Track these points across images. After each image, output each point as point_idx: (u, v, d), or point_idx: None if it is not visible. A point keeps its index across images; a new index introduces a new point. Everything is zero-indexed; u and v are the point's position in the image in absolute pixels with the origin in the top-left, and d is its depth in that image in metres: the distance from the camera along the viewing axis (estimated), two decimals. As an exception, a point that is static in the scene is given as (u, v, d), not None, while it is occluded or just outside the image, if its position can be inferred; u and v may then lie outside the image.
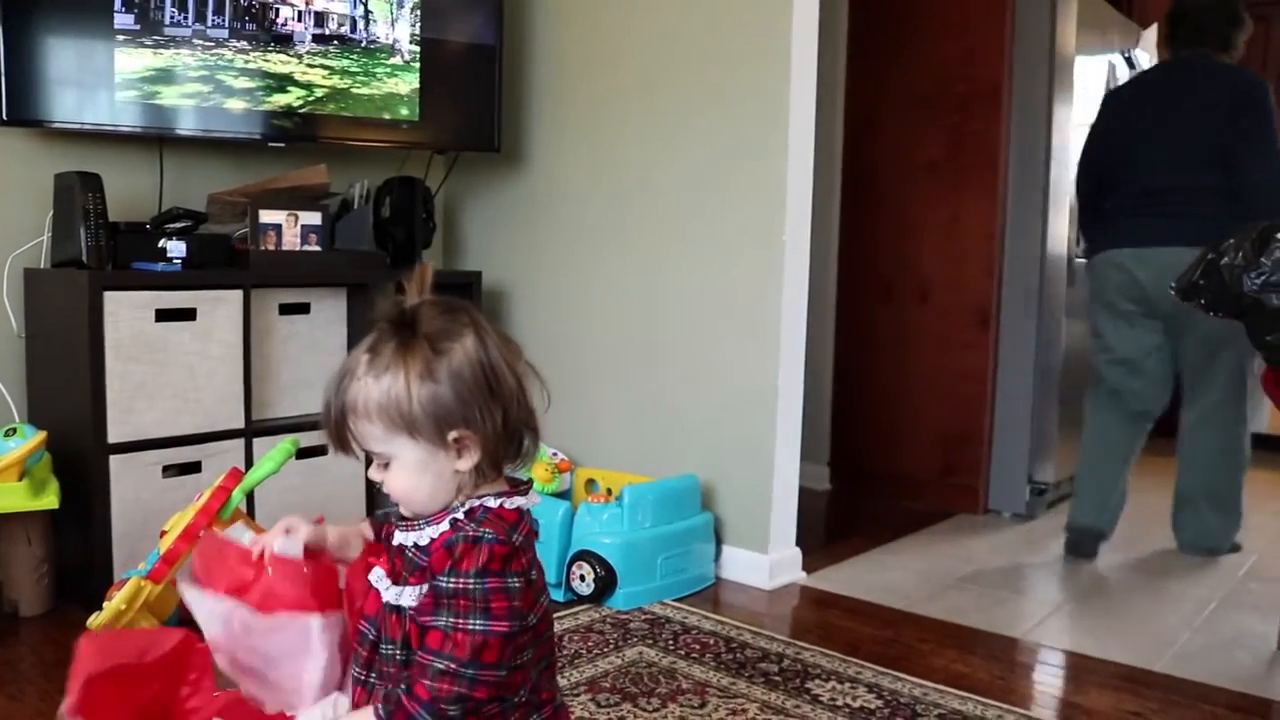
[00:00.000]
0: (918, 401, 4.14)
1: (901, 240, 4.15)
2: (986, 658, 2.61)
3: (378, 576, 1.24)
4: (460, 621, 1.12)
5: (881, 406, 4.24)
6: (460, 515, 1.17)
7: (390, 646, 1.19)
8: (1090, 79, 4.12)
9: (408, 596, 1.18)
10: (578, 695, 2.28)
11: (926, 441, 4.13)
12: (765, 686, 2.38)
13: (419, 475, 1.17)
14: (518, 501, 1.20)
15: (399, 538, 1.23)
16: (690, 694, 2.33)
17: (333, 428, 1.20)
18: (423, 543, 1.19)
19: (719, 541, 3.17)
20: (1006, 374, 3.97)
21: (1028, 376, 3.94)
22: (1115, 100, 3.53)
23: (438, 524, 1.18)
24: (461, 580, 1.13)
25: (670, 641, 2.64)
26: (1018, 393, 3.96)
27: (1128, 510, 3.57)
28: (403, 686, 1.14)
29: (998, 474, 4.01)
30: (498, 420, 1.16)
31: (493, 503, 1.18)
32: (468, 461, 1.17)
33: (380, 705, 1.15)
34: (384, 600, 1.21)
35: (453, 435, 1.15)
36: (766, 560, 3.10)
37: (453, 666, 1.11)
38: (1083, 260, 4.00)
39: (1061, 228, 3.92)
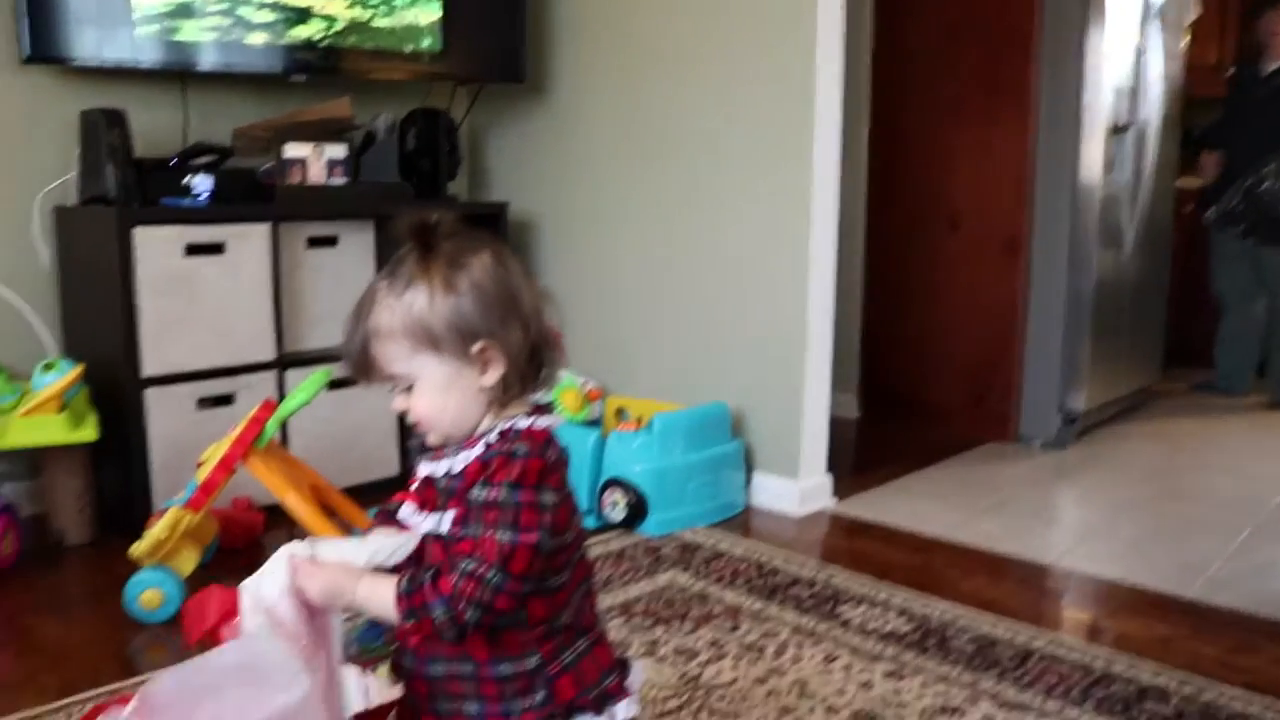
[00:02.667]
0: (948, 330, 4.11)
1: (931, 168, 4.10)
2: (1017, 583, 2.62)
3: (408, 511, 1.24)
4: (489, 531, 1.12)
5: (911, 335, 4.23)
6: (493, 437, 1.17)
7: (426, 573, 1.18)
8: (1123, 3, 4.02)
9: (447, 522, 1.18)
10: (611, 619, 2.31)
11: (957, 370, 4.11)
12: (797, 611, 2.40)
13: (444, 394, 1.17)
14: (546, 421, 1.20)
15: (426, 469, 1.22)
16: (722, 618, 2.35)
17: (355, 355, 1.19)
18: (456, 469, 1.18)
19: (749, 468, 3.18)
20: (1037, 302, 3.94)
21: (1059, 304, 3.90)
22: None
23: (470, 448, 1.18)
24: (494, 491, 1.12)
25: (702, 567, 2.67)
26: (1049, 321, 3.93)
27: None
28: (428, 574, 1.13)
29: (1028, 402, 3.99)
30: (520, 332, 1.16)
31: (523, 423, 1.18)
32: (492, 376, 1.16)
33: (404, 581, 1.14)
34: (422, 531, 1.21)
35: (476, 347, 1.14)
36: (797, 487, 3.12)
37: (480, 571, 1.11)
38: (1115, 187, 3.95)
39: (1094, 154, 3.86)
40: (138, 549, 2.32)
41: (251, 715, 1.07)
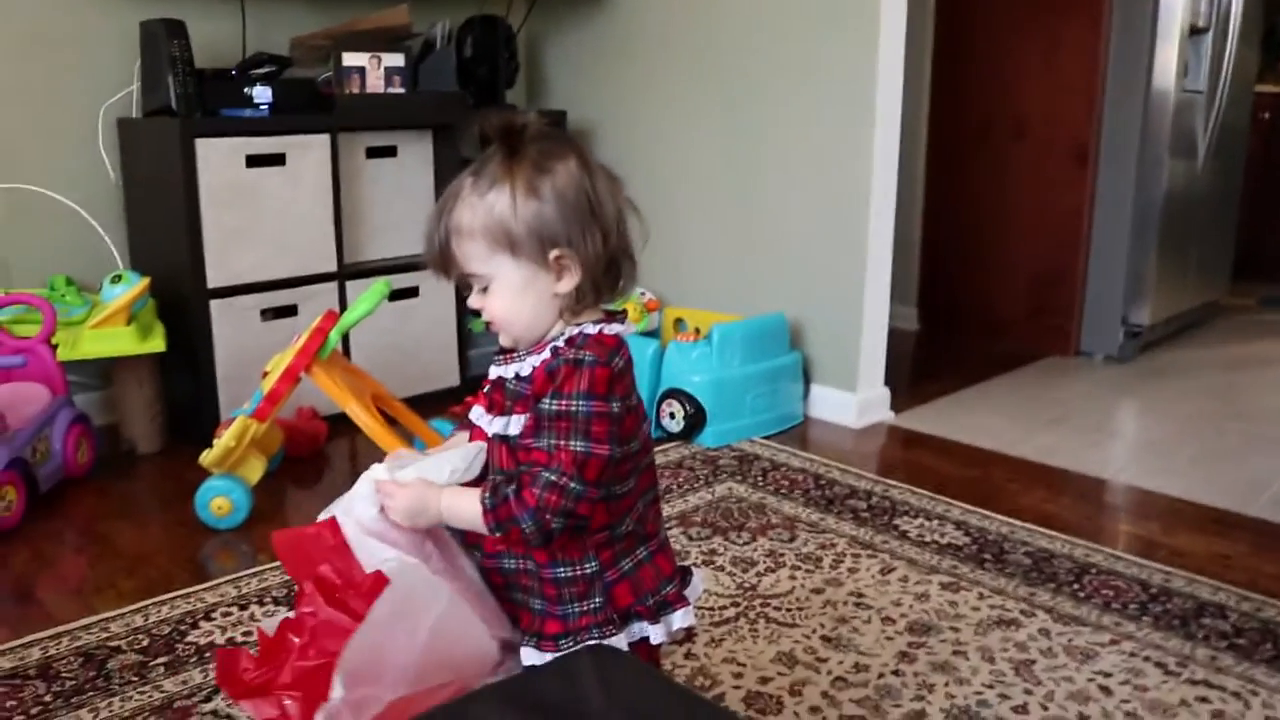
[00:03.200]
0: (1010, 241, 4.04)
1: (998, 74, 3.99)
2: (1075, 498, 2.61)
3: (478, 414, 1.26)
4: (563, 442, 1.13)
5: (972, 246, 4.16)
6: (561, 343, 1.18)
7: (499, 476, 1.21)
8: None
9: (515, 425, 1.19)
10: (670, 528, 2.34)
11: (1018, 282, 4.05)
12: (854, 522, 2.41)
13: (520, 297, 1.17)
14: (616, 328, 1.21)
15: (496, 371, 1.24)
16: (780, 528, 2.37)
17: (437, 252, 1.19)
18: (524, 372, 1.19)
19: (807, 380, 3.17)
20: (1104, 213, 3.85)
21: (1126, 216, 3.82)
22: None
23: (539, 353, 1.19)
24: (565, 402, 1.14)
25: (759, 478, 2.68)
26: (1115, 232, 3.84)
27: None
28: (511, 488, 1.15)
29: (1091, 315, 3.93)
30: (598, 243, 1.15)
31: (592, 329, 1.18)
32: (568, 283, 1.16)
33: (487, 495, 1.16)
34: (490, 432, 1.23)
35: (554, 254, 1.14)
36: (854, 399, 3.11)
37: (561, 481, 1.13)
38: (1190, 93, 3.83)
39: (1168, 59, 3.73)
40: (207, 458, 2.38)
41: (420, 641, 1.11)
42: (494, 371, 1.24)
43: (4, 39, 2.83)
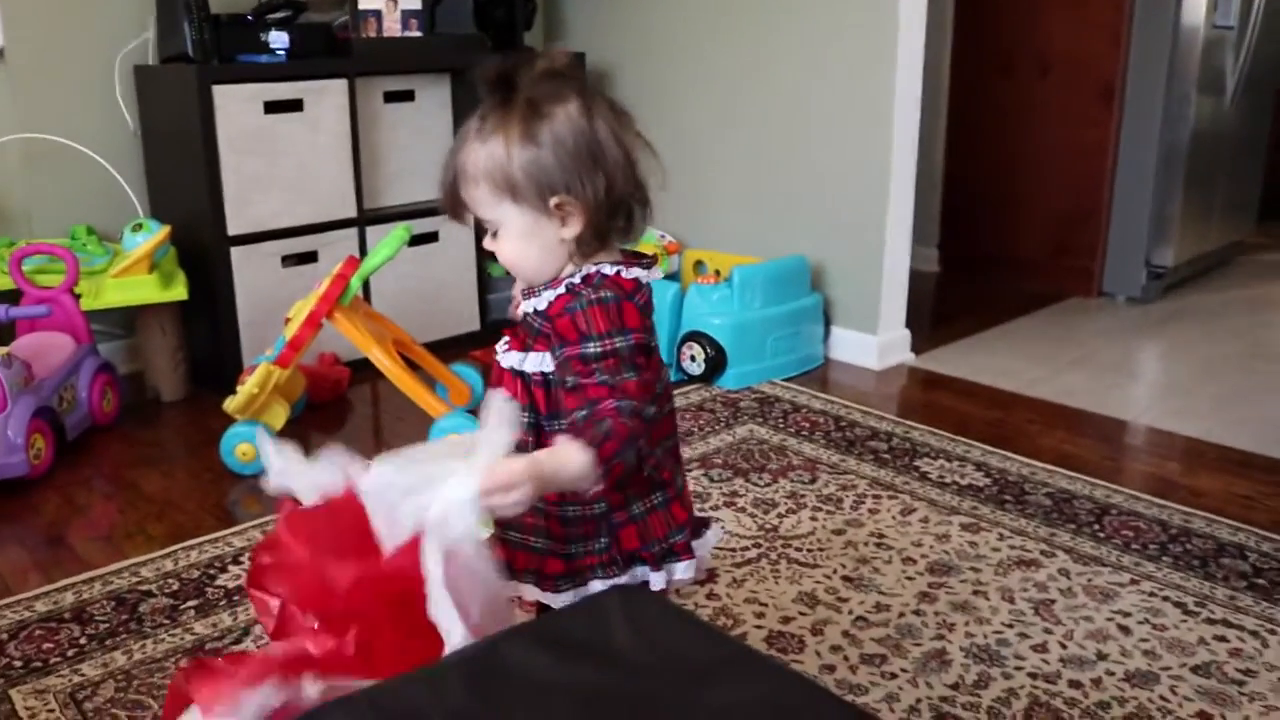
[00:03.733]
0: (1033, 181, 4.00)
1: (1022, 10, 3.92)
2: (1096, 439, 2.61)
3: (502, 349, 1.26)
4: (620, 375, 1.12)
5: (994, 186, 4.12)
6: (577, 280, 1.18)
7: (559, 422, 1.19)
8: None
9: (531, 362, 1.20)
10: (691, 471, 2.35)
11: (1041, 222, 4.01)
12: (874, 463, 2.42)
13: (526, 242, 1.17)
14: (635, 272, 1.20)
15: (524, 306, 1.24)
16: (800, 470, 2.39)
17: (448, 195, 1.20)
18: (541, 307, 1.19)
19: (828, 322, 3.17)
20: (1128, 152, 3.80)
21: (1151, 155, 3.77)
22: None
23: (554, 288, 1.18)
24: (606, 342, 1.13)
25: (780, 420, 2.69)
26: (1140, 172, 3.79)
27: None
28: (601, 425, 1.09)
29: (1114, 256, 3.89)
30: (600, 189, 1.14)
31: (609, 270, 1.18)
32: (572, 229, 1.15)
33: (580, 445, 1.08)
34: (505, 365, 1.24)
35: (554, 201, 1.14)
36: (875, 341, 3.11)
37: (637, 407, 1.12)
38: (1220, 28, 3.76)
39: (1198, -7, 3.66)
40: (231, 404, 2.40)
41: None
42: (524, 306, 1.24)
43: (19, -14, 2.82)
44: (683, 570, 1.26)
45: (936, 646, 1.71)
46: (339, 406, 2.85)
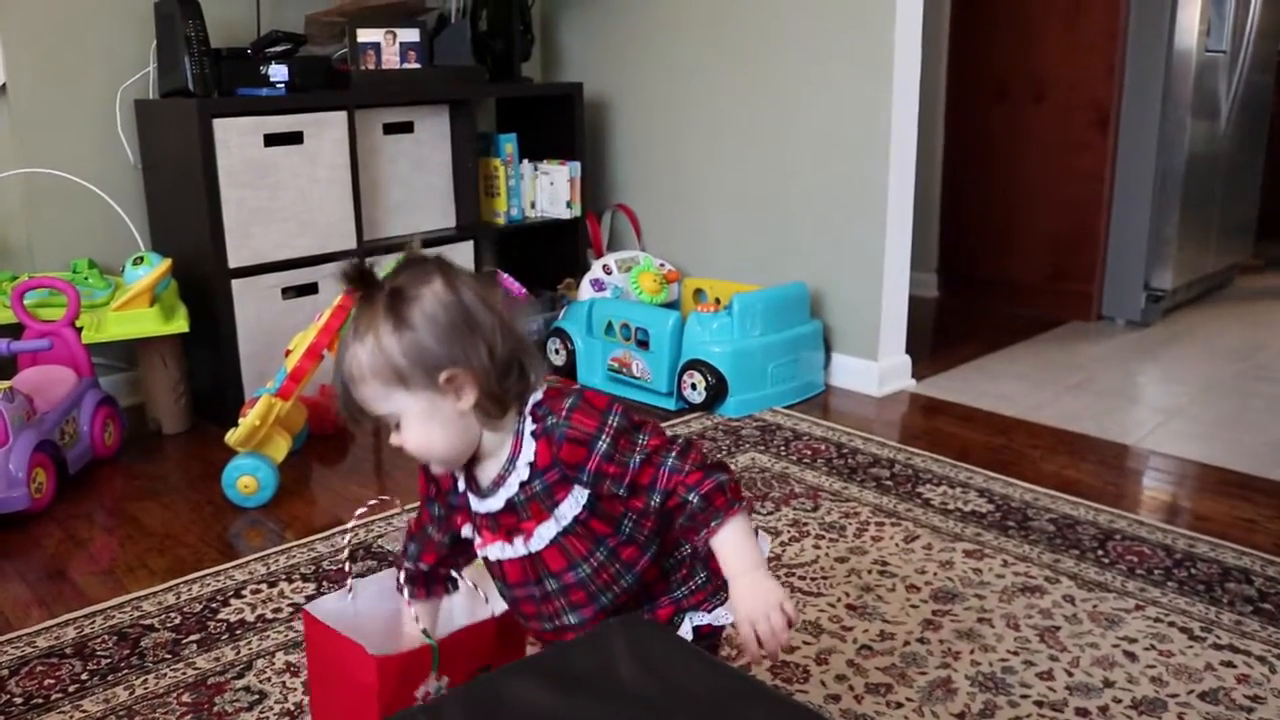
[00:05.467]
0: (1030, 206, 4.02)
1: (1017, 36, 3.95)
2: (1098, 464, 2.61)
3: (497, 551, 1.24)
4: (645, 449, 1.15)
5: (992, 211, 4.14)
6: (531, 425, 1.18)
7: (554, 579, 1.21)
8: None
9: (543, 533, 1.20)
10: (692, 501, 2.34)
11: (1039, 247, 4.03)
12: (877, 490, 2.42)
13: (428, 425, 1.16)
14: (548, 385, 1.21)
15: (481, 506, 1.23)
16: (803, 497, 2.38)
17: (343, 403, 1.19)
18: (524, 478, 1.18)
19: (828, 349, 3.18)
20: (1125, 176, 3.82)
21: (1147, 178, 3.78)
22: None
23: (521, 454, 1.18)
24: (607, 429, 1.15)
25: (782, 447, 2.69)
26: (1136, 195, 3.81)
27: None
28: (694, 497, 1.14)
29: (1112, 279, 3.91)
30: (483, 354, 1.14)
31: (538, 396, 1.19)
32: (468, 400, 1.15)
33: (713, 516, 1.14)
34: (503, 558, 1.23)
35: (443, 376, 1.13)
36: (876, 367, 3.11)
37: (679, 460, 1.14)
38: (1212, 53, 3.78)
39: (1190, 19, 3.68)
40: (233, 436, 2.40)
41: None
42: (478, 506, 1.23)
43: (21, 23, 2.83)
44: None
45: (942, 675, 1.70)
46: (341, 439, 2.84)
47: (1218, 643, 1.79)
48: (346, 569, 1.43)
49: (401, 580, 1.37)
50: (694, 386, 2.93)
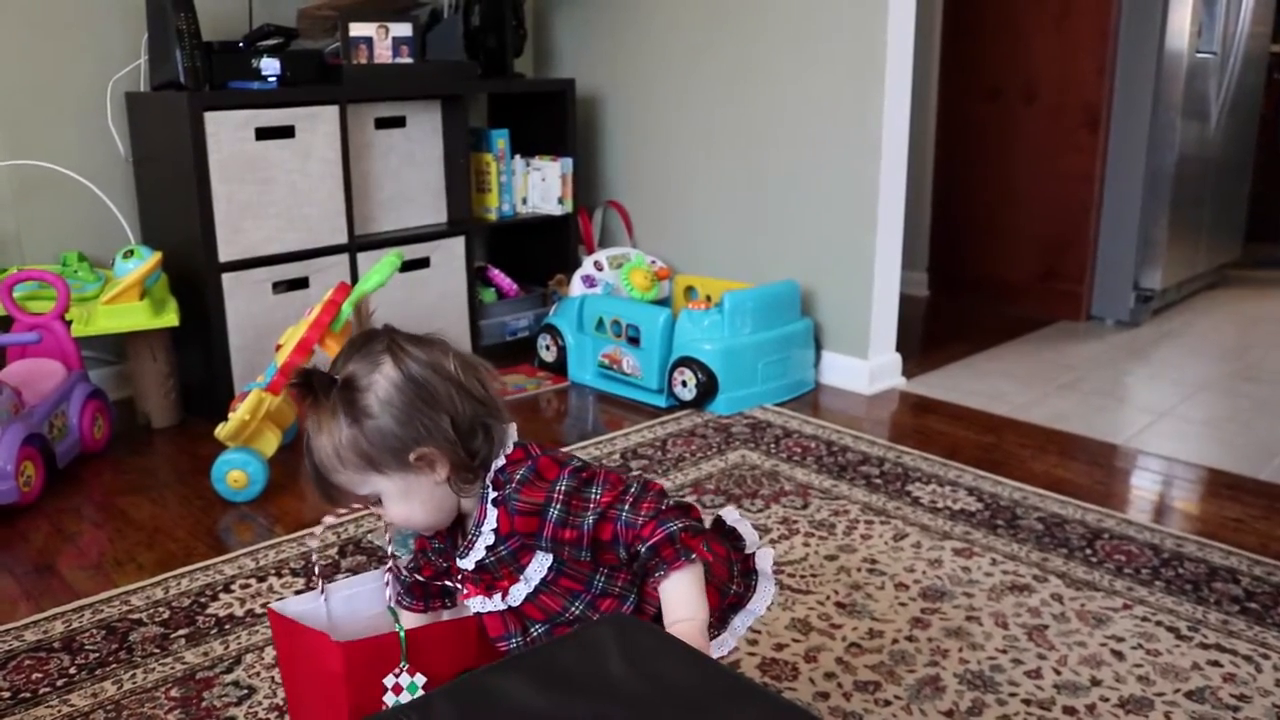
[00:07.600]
0: (1021, 206, 4.03)
1: (1008, 37, 3.96)
2: (1087, 463, 2.62)
3: (479, 604, 1.26)
4: (592, 503, 1.16)
5: (983, 211, 4.15)
6: (491, 494, 1.19)
7: (539, 626, 1.23)
8: None
9: (520, 589, 1.21)
10: (683, 496, 2.35)
11: (1029, 247, 4.04)
12: (866, 489, 2.42)
13: (408, 501, 1.19)
14: (511, 446, 1.21)
15: (460, 562, 1.25)
16: (793, 495, 2.39)
17: (320, 489, 1.21)
18: (490, 541, 1.20)
19: (819, 347, 3.18)
20: (1115, 177, 3.83)
21: (1137, 179, 3.80)
22: None
23: (485, 520, 1.20)
24: (556, 497, 1.16)
25: (772, 445, 2.69)
26: (1126, 196, 3.83)
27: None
28: (651, 555, 1.15)
29: (1102, 280, 3.92)
30: (446, 425, 1.15)
31: (500, 461, 1.20)
32: (442, 472, 1.17)
33: (666, 573, 1.15)
34: (487, 610, 1.24)
35: (414, 456, 1.15)
36: (866, 366, 3.12)
37: (629, 510, 1.16)
38: (1203, 55, 3.79)
39: (1181, 21, 3.69)
40: (222, 431, 2.39)
41: None
42: (464, 564, 1.25)
43: (11, 14, 2.82)
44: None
45: (930, 673, 1.71)
46: (330, 433, 2.84)
47: (1204, 642, 1.80)
48: (314, 571, 1.44)
49: (388, 580, 1.37)
50: (684, 383, 2.93)
